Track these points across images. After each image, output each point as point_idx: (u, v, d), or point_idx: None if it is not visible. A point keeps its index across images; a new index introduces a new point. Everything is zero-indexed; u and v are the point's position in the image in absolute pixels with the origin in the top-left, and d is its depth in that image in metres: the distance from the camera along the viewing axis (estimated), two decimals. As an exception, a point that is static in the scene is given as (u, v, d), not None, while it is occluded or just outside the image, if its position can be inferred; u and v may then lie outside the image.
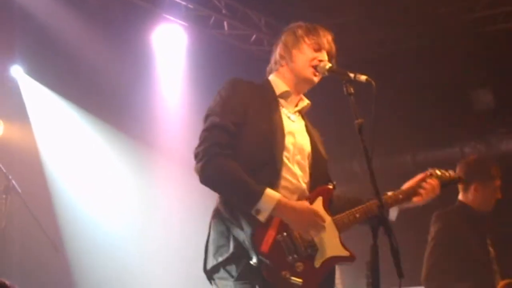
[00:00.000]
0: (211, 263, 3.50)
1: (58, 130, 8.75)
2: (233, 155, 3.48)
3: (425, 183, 3.91)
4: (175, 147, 8.85)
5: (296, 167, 3.64)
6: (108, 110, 8.72)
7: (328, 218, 3.58)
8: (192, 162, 3.54)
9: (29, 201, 7.25)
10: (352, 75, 3.55)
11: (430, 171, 4.02)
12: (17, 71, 8.30)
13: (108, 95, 8.53)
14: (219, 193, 3.57)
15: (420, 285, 6.67)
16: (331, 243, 3.55)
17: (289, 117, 3.75)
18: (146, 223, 9.04)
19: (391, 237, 3.19)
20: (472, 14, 8.58)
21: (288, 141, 3.63)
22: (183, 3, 8.29)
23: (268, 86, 3.81)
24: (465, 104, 9.08)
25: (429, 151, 9.42)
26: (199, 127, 3.66)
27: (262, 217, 3.37)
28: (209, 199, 3.75)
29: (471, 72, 8.78)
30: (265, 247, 3.34)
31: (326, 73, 3.74)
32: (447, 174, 4.09)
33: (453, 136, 9.23)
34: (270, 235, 3.38)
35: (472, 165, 5.49)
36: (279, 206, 3.38)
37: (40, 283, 8.02)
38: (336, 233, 3.60)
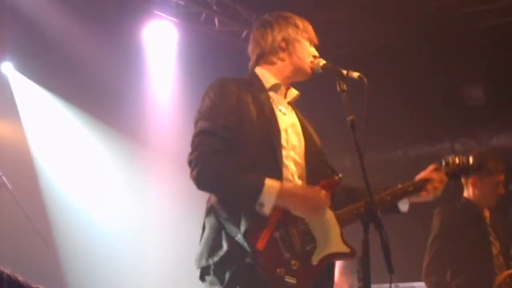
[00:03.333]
0: (204, 262, 3.40)
1: (48, 126, 8.73)
2: (227, 160, 3.39)
3: (432, 177, 3.83)
4: (167, 144, 8.84)
5: (291, 164, 3.57)
6: (99, 106, 8.70)
7: (330, 214, 3.50)
8: (184, 158, 3.51)
9: (19, 198, 7.25)
10: (344, 71, 3.53)
11: (446, 160, 3.97)
12: (7, 68, 8.28)
13: (99, 91, 8.51)
14: (218, 195, 3.44)
15: (411, 280, 6.70)
16: (331, 239, 3.44)
17: (280, 110, 3.67)
18: (137, 220, 9.03)
19: (381, 232, 3.18)
20: (463, 9, 8.58)
21: (283, 138, 3.56)
22: (174, -1, 8.28)
23: (256, 80, 3.71)
24: (456, 100, 9.08)
25: (420, 147, 9.43)
26: (190, 123, 3.63)
27: (267, 210, 3.28)
28: (202, 197, 3.72)
29: (462, 68, 8.78)
30: (260, 244, 3.24)
31: (320, 70, 3.71)
32: (464, 163, 4.01)
33: (444, 132, 9.24)
34: (267, 232, 3.28)
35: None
36: (281, 195, 3.30)
37: (31, 280, 7.99)
38: (337, 229, 3.49)
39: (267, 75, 3.74)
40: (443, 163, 3.96)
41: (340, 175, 3.65)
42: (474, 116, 8.98)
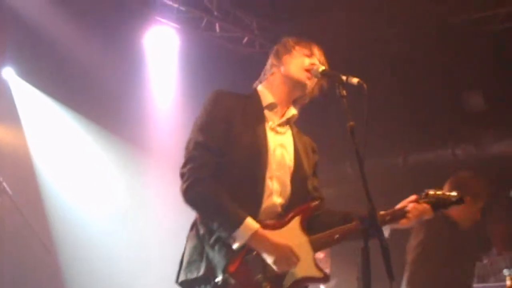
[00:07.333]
0: (182, 277, 3.52)
1: (49, 132, 8.74)
2: (217, 175, 3.47)
3: (414, 206, 3.72)
4: (168, 149, 8.83)
5: (274, 182, 3.61)
6: (99, 112, 8.71)
7: (303, 238, 3.56)
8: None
9: (20, 203, 7.25)
10: (344, 77, 3.53)
11: (426, 192, 3.81)
12: (8, 73, 8.29)
13: (99, 97, 8.52)
14: (200, 215, 3.58)
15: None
16: (303, 263, 3.51)
17: (274, 129, 3.72)
18: (137, 225, 9.03)
19: (381, 239, 3.18)
20: (464, 16, 8.59)
21: (270, 156, 3.62)
22: (175, 5, 8.28)
23: (255, 97, 3.78)
24: (457, 106, 9.09)
25: (420, 153, 9.43)
26: (190, 129, 3.65)
27: (236, 245, 3.38)
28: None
29: (463, 74, 8.79)
30: (232, 267, 3.35)
31: (319, 76, 3.72)
32: (445, 195, 3.83)
33: (445, 138, 9.23)
34: (239, 255, 3.38)
35: (463, 180, 5.41)
36: (255, 236, 3.38)
37: (32, 285, 8.00)
38: (310, 254, 3.56)
39: (265, 93, 3.79)
40: (423, 194, 3.82)
41: (318, 201, 3.70)
42: (474, 123, 8.97)
